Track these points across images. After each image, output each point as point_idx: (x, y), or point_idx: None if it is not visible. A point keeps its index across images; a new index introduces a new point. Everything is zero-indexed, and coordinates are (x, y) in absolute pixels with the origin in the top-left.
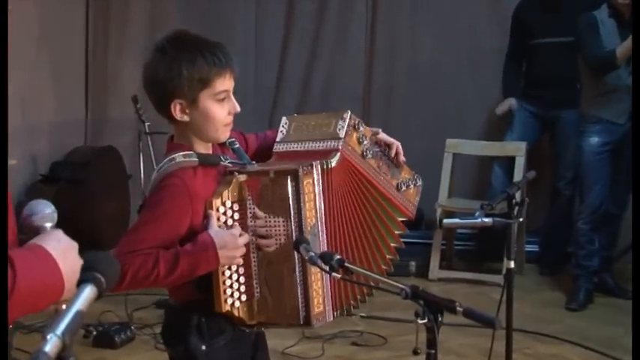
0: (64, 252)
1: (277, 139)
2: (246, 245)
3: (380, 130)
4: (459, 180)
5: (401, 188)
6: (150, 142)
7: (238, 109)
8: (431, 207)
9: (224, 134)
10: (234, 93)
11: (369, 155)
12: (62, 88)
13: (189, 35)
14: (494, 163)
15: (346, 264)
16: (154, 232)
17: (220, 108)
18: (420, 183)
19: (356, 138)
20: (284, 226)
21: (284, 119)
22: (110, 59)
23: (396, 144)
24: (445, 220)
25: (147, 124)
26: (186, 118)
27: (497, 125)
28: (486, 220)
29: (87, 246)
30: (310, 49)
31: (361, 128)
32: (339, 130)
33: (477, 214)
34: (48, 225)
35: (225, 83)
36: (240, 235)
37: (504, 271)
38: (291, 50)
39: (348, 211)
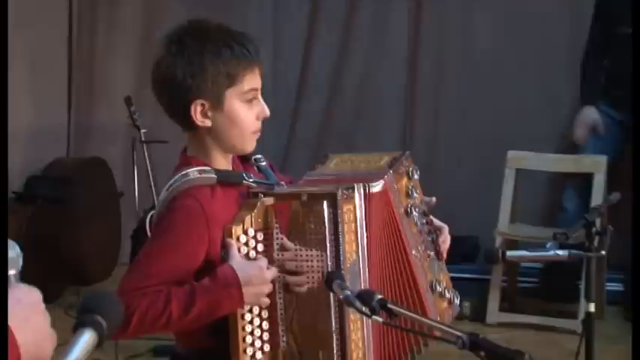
0: (24, 319)
1: (311, 169)
2: (272, 282)
3: (434, 200)
4: (523, 202)
5: (435, 289)
6: (146, 153)
7: (267, 113)
8: (489, 235)
9: (251, 143)
10: None
11: (414, 217)
12: (40, 88)
13: (209, 24)
14: (567, 181)
15: (390, 305)
16: (164, 265)
17: (248, 110)
18: (457, 302)
19: (405, 185)
20: (318, 261)
21: (324, 156)
22: (98, 53)
23: (447, 230)
24: (509, 253)
25: (142, 130)
26: (207, 122)
27: (570, 134)
28: (560, 252)
29: (69, 279)
30: (341, 42)
31: (415, 177)
32: (389, 165)
33: (548, 244)
34: (11, 274)
35: (254, 80)
36: (267, 268)
37: (582, 316)
38: (317, 43)
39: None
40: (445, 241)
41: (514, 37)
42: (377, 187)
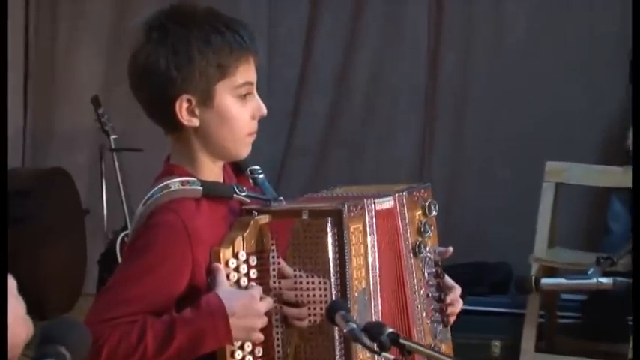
0: None
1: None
2: (268, 314)
3: (450, 250)
4: (564, 222)
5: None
6: (116, 163)
7: (264, 111)
8: (523, 261)
9: (245, 147)
10: None
11: (422, 260)
12: None
13: (196, 8)
14: (614, 196)
15: (402, 340)
16: (139, 291)
17: (242, 107)
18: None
19: (419, 219)
20: (321, 289)
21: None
22: (60, 45)
23: (459, 292)
24: (544, 280)
25: (112, 136)
26: (195, 121)
27: (618, 142)
28: (604, 280)
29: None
30: (348, 33)
31: (432, 213)
32: (402, 191)
33: (590, 271)
34: None
35: (248, 72)
36: (261, 298)
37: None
38: (320, 35)
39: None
40: (454, 303)
41: (552, 27)
42: (384, 203)
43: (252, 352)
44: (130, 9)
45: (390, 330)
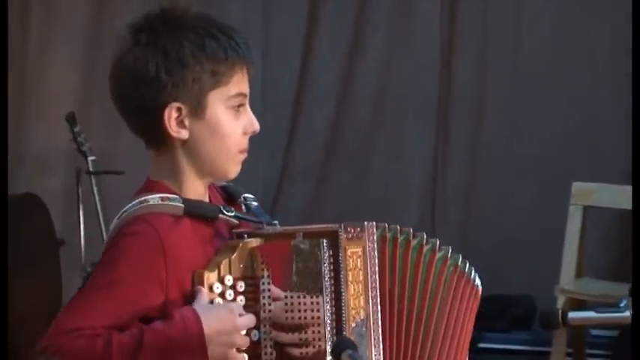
0: None
1: None
2: (255, 354)
3: None
4: (593, 249)
5: None
6: (95, 187)
7: (257, 126)
8: (548, 293)
9: (234, 165)
10: None
11: None
12: None
13: (187, 11)
14: None
15: None
16: (107, 304)
17: (234, 120)
18: None
19: None
20: (314, 320)
21: None
22: (31, 54)
23: None
24: (572, 314)
25: (90, 158)
26: (184, 133)
27: None
28: None
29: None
30: (352, 39)
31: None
32: None
33: (622, 303)
34: None
35: (243, 84)
36: (241, 315)
37: None
38: (320, 41)
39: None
40: None
41: (579, 30)
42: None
43: None
44: (109, 14)
45: None
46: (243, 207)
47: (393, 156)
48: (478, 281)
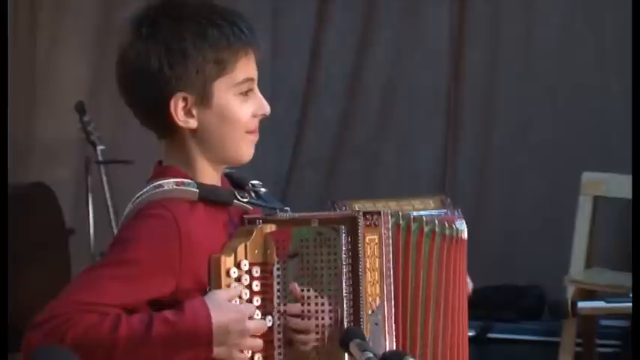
0: None
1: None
2: (268, 339)
3: (470, 287)
4: (603, 240)
5: None
6: (104, 177)
7: (267, 109)
8: (558, 283)
9: (247, 149)
10: None
11: None
12: None
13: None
14: None
15: None
16: (120, 284)
17: (243, 105)
18: None
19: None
20: (332, 308)
21: (330, 202)
22: (41, 45)
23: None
24: (581, 304)
25: (99, 147)
26: (192, 122)
27: None
28: None
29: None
30: (361, 31)
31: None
32: (448, 207)
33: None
34: None
35: (249, 68)
36: (251, 317)
37: None
38: (329, 33)
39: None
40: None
41: (590, 22)
42: (464, 232)
43: None
44: (118, 3)
45: (411, 359)
46: (253, 194)
47: (403, 147)
48: (462, 226)
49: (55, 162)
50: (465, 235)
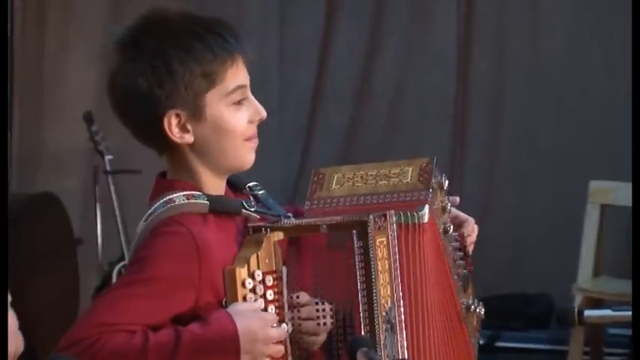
0: None
1: (308, 196)
2: (284, 345)
3: (457, 200)
4: (610, 248)
5: (470, 308)
6: (112, 186)
7: (264, 113)
8: (566, 291)
9: (248, 155)
10: None
11: (450, 236)
12: None
13: (167, 13)
14: None
15: None
16: (143, 302)
17: (238, 113)
18: (482, 312)
19: (441, 201)
20: (348, 311)
21: (314, 173)
22: (48, 52)
23: (472, 222)
24: (589, 313)
25: (107, 157)
26: (188, 137)
27: None
28: None
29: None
30: (369, 38)
31: (446, 186)
32: (423, 180)
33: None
34: None
35: (239, 76)
36: (274, 326)
37: None
38: (337, 39)
39: (430, 300)
40: (471, 234)
41: (597, 29)
42: (424, 215)
43: None
44: (127, 11)
45: None
46: (251, 197)
47: (411, 153)
48: (423, 210)
49: (63, 171)
50: (426, 219)
